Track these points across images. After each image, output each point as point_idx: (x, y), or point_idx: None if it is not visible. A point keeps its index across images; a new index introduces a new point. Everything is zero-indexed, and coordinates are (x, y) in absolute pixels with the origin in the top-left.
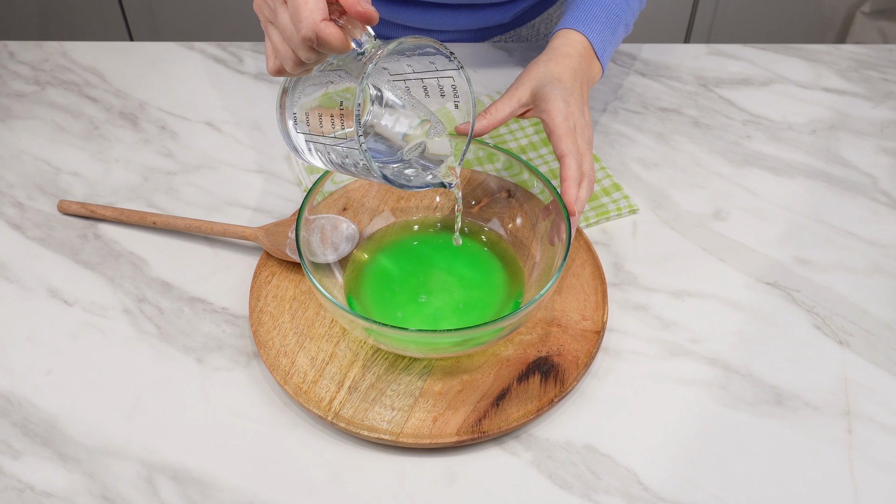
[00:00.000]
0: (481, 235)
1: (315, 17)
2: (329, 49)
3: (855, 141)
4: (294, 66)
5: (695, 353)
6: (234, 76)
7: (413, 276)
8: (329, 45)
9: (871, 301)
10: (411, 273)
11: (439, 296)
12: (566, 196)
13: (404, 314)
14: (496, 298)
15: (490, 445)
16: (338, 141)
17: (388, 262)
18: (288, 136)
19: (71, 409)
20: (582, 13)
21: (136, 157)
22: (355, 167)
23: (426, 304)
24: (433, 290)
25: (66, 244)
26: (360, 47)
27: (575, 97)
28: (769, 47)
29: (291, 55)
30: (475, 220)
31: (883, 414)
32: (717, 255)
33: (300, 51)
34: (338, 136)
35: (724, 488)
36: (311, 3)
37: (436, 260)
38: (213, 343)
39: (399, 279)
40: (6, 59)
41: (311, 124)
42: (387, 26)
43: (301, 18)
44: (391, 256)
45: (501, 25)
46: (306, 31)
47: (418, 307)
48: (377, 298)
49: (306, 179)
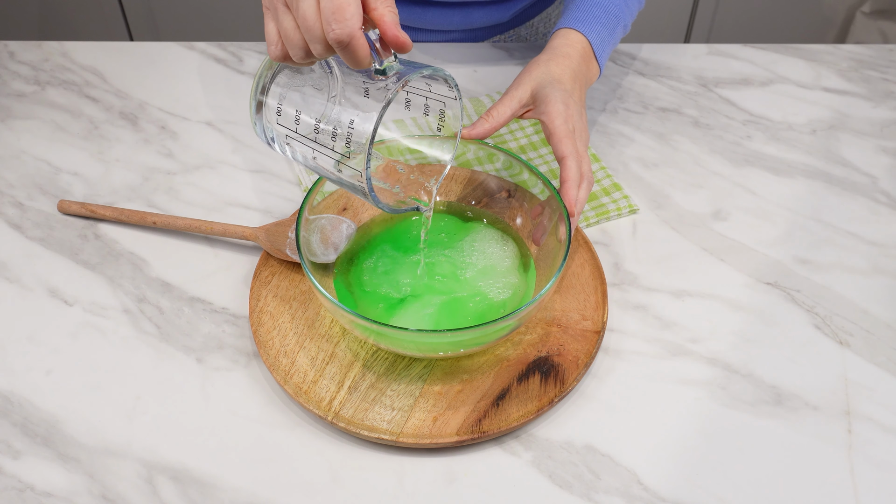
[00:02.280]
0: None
1: (355, 23)
2: (350, 59)
3: (855, 141)
4: (303, 56)
5: (695, 353)
6: (235, 76)
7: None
8: (354, 56)
9: (871, 301)
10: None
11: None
12: (566, 197)
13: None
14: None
15: (490, 445)
16: (329, 151)
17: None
18: (260, 119)
19: (71, 409)
20: (582, 13)
21: (136, 157)
22: (337, 174)
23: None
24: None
25: (66, 244)
26: (381, 65)
27: (574, 99)
28: (769, 47)
29: (303, 46)
30: (484, 209)
31: (883, 414)
32: (717, 255)
33: (317, 45)
34: (336, 150)
35: (724, 488)
36: (354, 7)
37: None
38: (213, 343)
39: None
40: (6, 59)
41: (300, 123)
42: None
43: (343, 19)
44: (388, 245)
45: (500, 25)
46: (341, 34)
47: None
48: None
49: (306, 179)
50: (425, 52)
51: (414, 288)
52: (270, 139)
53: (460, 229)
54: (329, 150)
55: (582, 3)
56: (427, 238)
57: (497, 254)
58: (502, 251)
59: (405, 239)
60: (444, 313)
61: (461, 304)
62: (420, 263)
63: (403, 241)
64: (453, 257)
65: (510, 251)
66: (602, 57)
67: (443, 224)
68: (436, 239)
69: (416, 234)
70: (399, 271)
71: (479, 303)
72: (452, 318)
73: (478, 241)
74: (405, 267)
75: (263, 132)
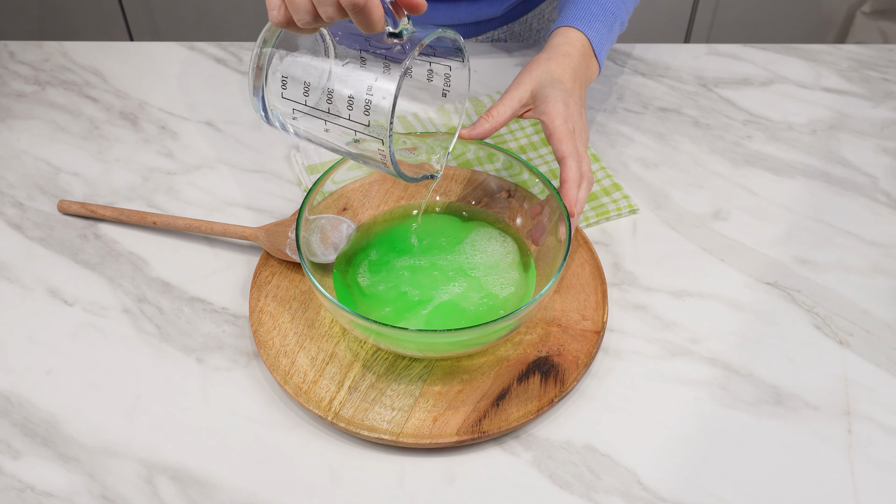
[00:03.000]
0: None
1: None
2: (364, 22)
3: (855, 141)
4: (310, 20)
5: (695, 353)
6: (234, 76)
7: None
8: (369, 19)
9: (871, 301)
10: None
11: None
12: (566, 197)
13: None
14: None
15: (490, 445)
16: (344, 121)
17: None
18: (259, 97)
19: (71, 409)
20: (580, 11)
21: (136, 157)
22: (350, 147)
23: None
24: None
25: (66, 244)
26: (395, 27)
27: (574, 99)
28: (769, 47)
29: (310, 8)
30: (485, 209)
31: (883, 414)
32: (717, 255)
33: (328, 7)
34: (353, 118)
35: (724, 488)
36: None
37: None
38: (213, 343)
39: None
40: (6, 59)
41: (310, 95)
42: None
43: None
44: (386, 243)
45: (494, 20)
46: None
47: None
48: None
49: (306, 179)
50: None
51: (414, 288)
52: (273, 117)
53: (460, 229)
54: (345, 120)
55: (580, 1)
56: (420, 240)
57: (498, 251)
58: (503, 248)
59: (405, 238)
60: (444, 313)
61: (462, 302)
62: (419, 263)
63: (404, 241)
64: (453, 256)
65: (510, 249)
66: (601, 55)
67: (442, 224)
68: (436, 241)
69: (416, 233)
70: (399, 271)
71: (479, 300)
72: (453, 318)
73: (478, 240)
74: (405, 267)
75: (264, 110)
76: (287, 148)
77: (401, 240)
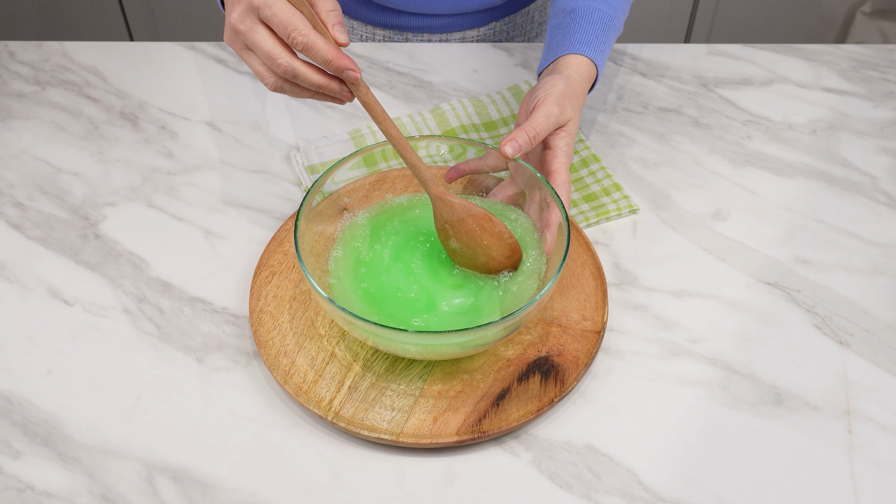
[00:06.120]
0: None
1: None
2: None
3: (855, 141)
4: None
5: (695, 353)
6: (234, 76)
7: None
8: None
9: (871, 301)
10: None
11: None
12: (550, 231)
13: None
14: None
15: (490, 445)
16: None
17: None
18: None
19: (71, 409)
20: (587, 35)
21: (136, 157)
22: None
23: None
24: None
25: (66, 244)
26: None
27: (574, 137)
28: (769, 47)
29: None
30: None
31: (883, 414)
32: (717, 255)
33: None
34: None
35: (724, 488)
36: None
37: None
38: (213, 343)
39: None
40: (6, 59)
41: None
42: (379, 10)
43: (330, 58)
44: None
45: (494, 10)
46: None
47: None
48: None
49: (306, 179)
50: (425, 52)
51: (415, 288)
52: None
53: None
54: None
55: (583, 21)
56: (425, 241)
57: None
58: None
59: (406, 238)
60: (446, 315)
61: (465, 303)
62: (421, 263)
63: (404, 241)
64: None
65: (524, 224)
66: (601, 69)
67: None
68: (435, 243)
69: (418, 232)
70: (400, 271)
71: (482, 301)
72: (455, 320)
73: None
74: (406, 267)
75: None
76: (287, 148)
77: (404, 239)
